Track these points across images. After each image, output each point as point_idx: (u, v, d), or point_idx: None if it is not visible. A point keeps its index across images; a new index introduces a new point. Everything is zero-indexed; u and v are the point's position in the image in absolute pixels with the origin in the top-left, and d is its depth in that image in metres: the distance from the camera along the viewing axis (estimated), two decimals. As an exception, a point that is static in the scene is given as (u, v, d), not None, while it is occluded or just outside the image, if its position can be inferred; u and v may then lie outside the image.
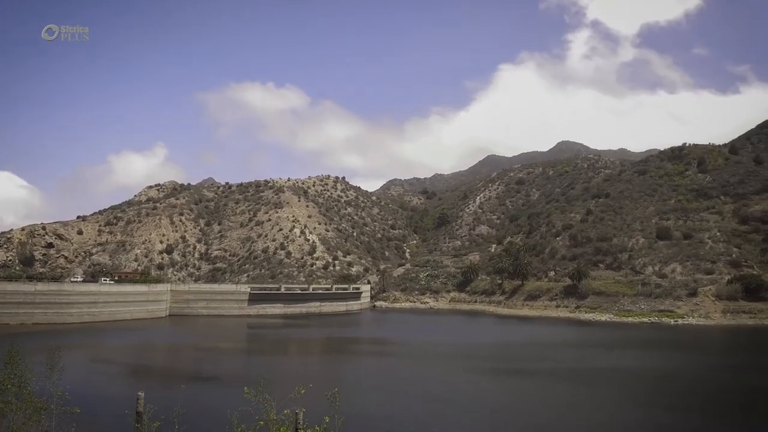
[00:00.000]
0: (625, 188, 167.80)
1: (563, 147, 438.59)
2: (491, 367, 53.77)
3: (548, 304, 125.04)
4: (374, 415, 33.48)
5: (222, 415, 17.32)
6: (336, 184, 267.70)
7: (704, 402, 38.77)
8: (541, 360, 59.18)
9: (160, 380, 46.17)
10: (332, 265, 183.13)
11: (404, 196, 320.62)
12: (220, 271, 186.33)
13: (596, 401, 39.37)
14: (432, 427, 30.32)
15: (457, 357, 62.77)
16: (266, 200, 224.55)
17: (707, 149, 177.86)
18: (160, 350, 68.04)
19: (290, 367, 56.07)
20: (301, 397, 15.05)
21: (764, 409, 36.81)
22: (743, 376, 49.77)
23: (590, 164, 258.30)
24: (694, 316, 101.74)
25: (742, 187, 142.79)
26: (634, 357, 62.34)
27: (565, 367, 53.93)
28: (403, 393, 41.13)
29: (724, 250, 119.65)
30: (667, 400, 39.92)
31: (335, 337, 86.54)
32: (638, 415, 35.60)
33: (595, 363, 57.21)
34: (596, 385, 44.94)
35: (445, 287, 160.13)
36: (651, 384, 46.13)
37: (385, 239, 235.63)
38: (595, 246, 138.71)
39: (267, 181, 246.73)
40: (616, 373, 50.85)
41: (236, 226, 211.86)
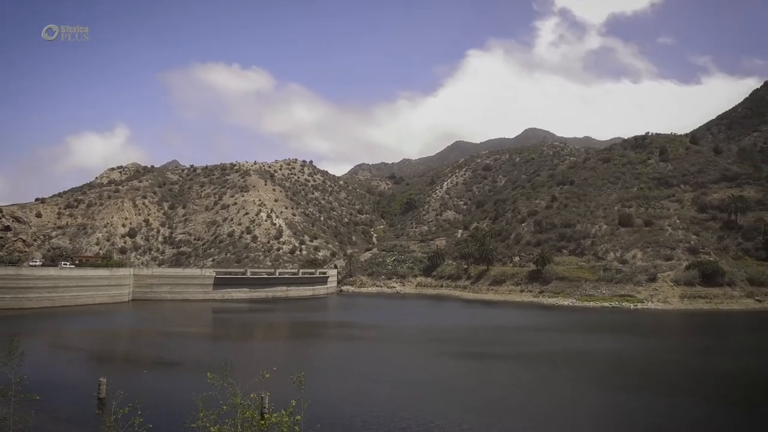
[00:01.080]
0: (590, 176, 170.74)
1: (530, 134, 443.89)
2: (458, 351, 54.37)
3: (513, 289, 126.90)
4: (341, 398, 33.60)
5: (186, 400, 17.15)
6: (303, 168, 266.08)
7: (661, 383, 39.92)
8: (506, 343, 60.14)
9: (123, 366, 45.47)
10: (299, 250, 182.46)
11: (372, 181, 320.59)
12: (185, 255, 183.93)
13: (559, 383, 40.24)
14: (399, 410, 30.57)
15: (423, 341, 63.35)
16: (232, 183, 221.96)
17: (669, 139, 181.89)
18: (123, 335, 66.92)
19: (256, 351, 55.81)
20: (266, 382, 14.99)
21: (718, 390, 38.07)
22: (698, 358, 51.44)
23: (556, 151, 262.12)
24: (653, 300, 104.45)
25: (702, 177, 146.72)
26: (595, 340, 63.82)
27: (530, 350, 54.89)
28: (369, 376, 41.35)
29: (682, 237, 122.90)
30: (626, 381, 41.01)
31: (301, 321, 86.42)
32: (599, 395, 36.53)
33: (558, 346, 58.35)
34: (559, 368, 45.91)
35: (411, 272, 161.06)
36: (611, 366, 47.32)
37: (353, 224, 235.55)
38: (559, 232, 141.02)
39: (233, 164, 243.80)
40: (579, 356, 51.99)
41: (201, 210, 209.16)
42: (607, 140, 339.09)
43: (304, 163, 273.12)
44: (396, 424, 27.99)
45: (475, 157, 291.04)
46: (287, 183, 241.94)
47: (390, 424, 28.04)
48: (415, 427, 27.29)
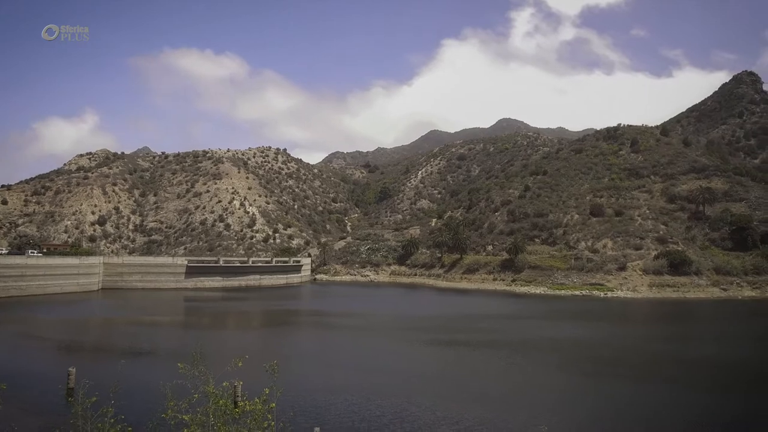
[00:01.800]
0: (562, 166, 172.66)
1: (504, 124, 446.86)
2: (431, 338, 54.73)
3: (486, 278, 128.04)
4: (315, 386, 33.60)
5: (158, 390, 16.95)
6: (277, 156, 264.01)
7: (630, 369, 40.76)
8: (480, 331, 60.71)
9: (93, 356, 44.81)
10: (272, 238, 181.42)
11: (346, 170, 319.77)
12: (156, 244, 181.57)
13: (532, 369, 40.84)
14: (373, 398, 30.71)
15: (397, 329, 63.61)
16: (204, 171, 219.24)
17: (640, 130, 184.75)
18: (93, 325, 65.87)
19: (229, 340, 55.49)
20: (239, 370, 14.89)
21: (684, 375, 38.99)
22: (666, 345, 52.59)
23: (530, 142, 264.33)
24: (623, 289, 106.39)
25: (671, 168, 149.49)
26: (566, 328, 64.76)
27: (503, 338, 55.53)
28: (343, 364, 41.44)
29: (652, 227, 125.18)
30: (597, 367, 41.78)
31: (275, 310, 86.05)
32: (570, 381, 37.12)
33: (530, 334, 59.16)
34: (532, 355, 46.54)
35: (385, 260, 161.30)
36: (582, 353, 48.13)
37: (327, 212, 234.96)
38: (532, 221, 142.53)
39: (205, 152, 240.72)
40: (551, 343, 52.79)
41: (173, 197, 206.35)
42: (580, 131, 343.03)
43: (278, 151, 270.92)
44: (371, 412, 28.11)
45: (449, 146, 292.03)
46: (261, 171, 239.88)
47: (365, 411, 28.16)
48: (390, 415, 27.45)
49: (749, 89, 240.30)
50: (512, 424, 26.33)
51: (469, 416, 27.44)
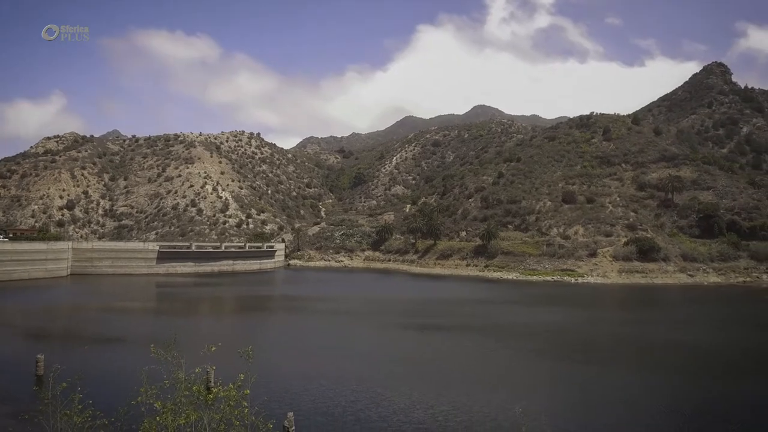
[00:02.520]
0: (536, 153, 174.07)
1: (479, 111, 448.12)
2: (406, 323, 54.96)
3: (459, 263, 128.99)
4: (290, 372, 33.55)
5: (129, 376, 16.75)
6: (250, 141, 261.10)
7: (601, 352, 41.52)
8: (453, 316, 61.15)
9: (62, 343, 43.99)
10: (246, 223, 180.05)
11: (320, 155, 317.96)
12: (127, 229, 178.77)
13: (505, 353, 41.32)
14: (348, 383, 30.77)
15: (371, 314, 63.76)
16: (176, 155, 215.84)
17: (612, 119, 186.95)
18: (62, 311, 64.61)
19: (202, 326, 55.02)
20: (213, 356, 14.76)
21: (652, 358, 39.86)
22: (634, 329, 53.58)
23: (504, 129, 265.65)
24: (593, 275, 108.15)
25: (642, 156, 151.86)
26: (538, 313, 65.62)
27: (476, 323, 56.05)
28: (318, 350, 41.40)
29: (622, 214, 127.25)
30: (568, 351, 42.45)
31: (248, 295, 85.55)
32: (542, 365, 37.66)
33: (503, 318, 59.82)
34: (505, 339, 47.04)
35: (359, 246, 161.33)
36: (554, 337, 48.83)
37: (301, 198, 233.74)
38: (505, 208, 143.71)
39: (177, 135, 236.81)
40: (523, 328, 53.44)
41: (144, 182, 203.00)
42: (553, 119, 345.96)
43: (252, 136, 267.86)
44: (346, 397, 28.16)
45: (424, 132, 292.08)
46: (234, 155, 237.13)
47: (339, 396, 28.20)
48: (365, 400, 27.54)
49: (719, 80, 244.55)
50: (487, 407, 26.62)
51: (443, 400, 27.69)
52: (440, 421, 24.40)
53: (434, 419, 24.70)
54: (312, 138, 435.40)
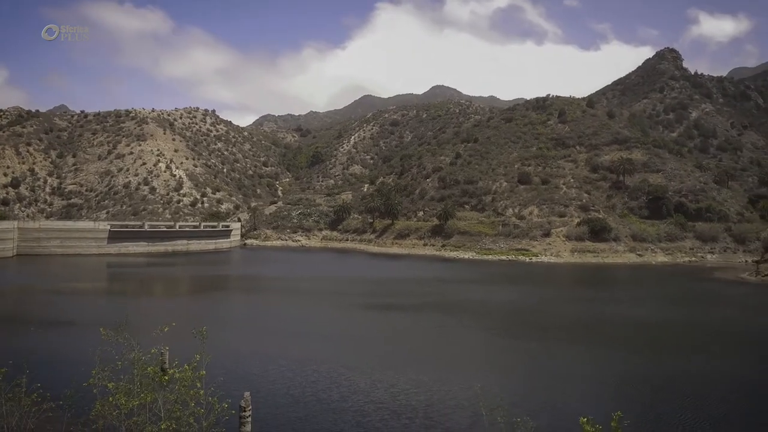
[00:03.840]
0: (493, 134, 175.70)
1: (437, 91, 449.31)
2: (364, 303, 54.93)
3: (416, 243, 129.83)
4: (247, 352, 33.10)
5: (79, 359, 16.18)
6: (205, 118, 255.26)
7: (556, 330, 42.38)
8: (412, 295, 61.45)
9: (7, 326, 42.19)
10: (200, 202, 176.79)
11: (277, 133, 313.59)
12: (76, 207, 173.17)
13: (463, 331, 41.74)
14: (308, 363, 30.56)
15: (330, 293, 63.54)
16: (128, 131, 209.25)
17: (568, 102, 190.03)
18: (6, 294, 61.81)
19: (156, 307, 53.73)
20: (167, 337, 14.35)
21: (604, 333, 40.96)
22: (587, 306, 54.95)
23: (462, 110, 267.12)
24: (547, 254, 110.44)
25: (595, 139, 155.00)
26: (494, 291, 66.58)
27: (435, 301, 56.50)
28: (276, 330, 41.03)
29: (575, 196, 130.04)
30: (524, 328, 43.21)
31: (204, 275, 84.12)
32: (500, 342, 38.22)
33: (461, 297, 60.51)
34: (463, 317, 47.54)
35: (317, 225, 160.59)
36: (510, 315, 49.67)
37: (257, 176, 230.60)
38: (462, 188, 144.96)
39: (128, 111, 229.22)
40: (480, 306, 54.19)
41: (94, 159, 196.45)
42: (510, 100, 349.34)
43: (207, 112, 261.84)
44: (306, 377, 27.94)
45: (383, 111, 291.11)
46: (188, 133, 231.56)
47: (299, 377, 27.97)
48: (326, 380, 27.38)
49: (670, 65, 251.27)
50: (447, 385, 26.85)
51: (404, 379, 27.79)
52: (401, 400, 24.50)
53: (395, 398, 24.78)
54: (269, 116, 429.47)
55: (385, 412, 22.98)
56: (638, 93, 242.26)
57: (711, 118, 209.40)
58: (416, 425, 21.59)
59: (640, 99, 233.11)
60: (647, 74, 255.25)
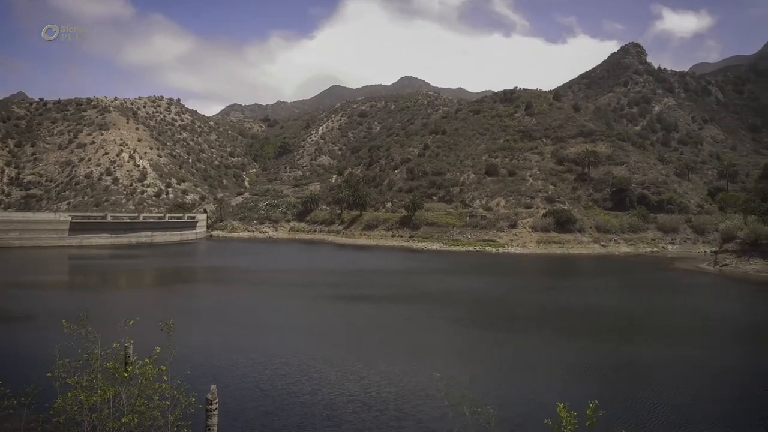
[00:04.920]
0: (461, 126, 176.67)
1: (406, 82, 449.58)
2: (334, 294, 54.69)
3: (384, 234, 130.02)
4: (214, 345, 32.59)
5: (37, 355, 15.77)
6: (170, 107, 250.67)
7: (524, 320, 42.89)
8: (381, 286, 61.38)
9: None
10: (165, 193, 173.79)
11: (244, 123, 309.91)
12: (35, 198, 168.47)
13: (432, 323, 41.87)
14: (278, 356, 30.28)
15: (298, 285, 63.09)
16: (89, 120, 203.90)
17: (535, 94, 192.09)
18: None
19: (120, 300, 52.69)
20: (131, 330, 14.03)
21: (570, 322, 41.60)
22: (551, 296, 55.72)
23: (430, 101, 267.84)
24: (513, 245, 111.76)
25: (561, 131, 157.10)
26: (463, 281, 66.90)
27: (404, 292, 56.52)
28: (245, 323, 40.53)
29: (541, 187, 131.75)
30: (492, 319, 43.60)
31: (169, 267, 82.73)
32: (468, 333, 38.43)
33: (430, 287, 60.65)
34: (432, 308, 47.68)
35: (284, 217, 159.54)
36: (478, 305, 50.00)
37: (223, 167, 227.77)
38: (430, 180, 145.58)
39: (90, 100, 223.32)
40: (449, 297, 54.41)
41: (54, 149, 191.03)
42: (478, 92, 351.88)
43: (171, 101, 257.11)
44: (275, 370, 27.67)
45: (351, 102, 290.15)
46: (152, 122, 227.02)
47: (268, 370, 27.67)
48: (296, 373, 27.15)
49: (634, 60, 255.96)
50: (418, 377, 26.88)
51: (375, 371, 27.73)
52: (372, 392, 24.42)
53: (366, 390, 24.70)
54: (235, 105, 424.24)
55: (356, 404, 22.89)
56: (603, 87, 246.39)
57: (673, 112, 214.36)
58: (387, 417, 21.56)
59: (605, 93, 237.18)
60: (612, 68, 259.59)
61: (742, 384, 27.76)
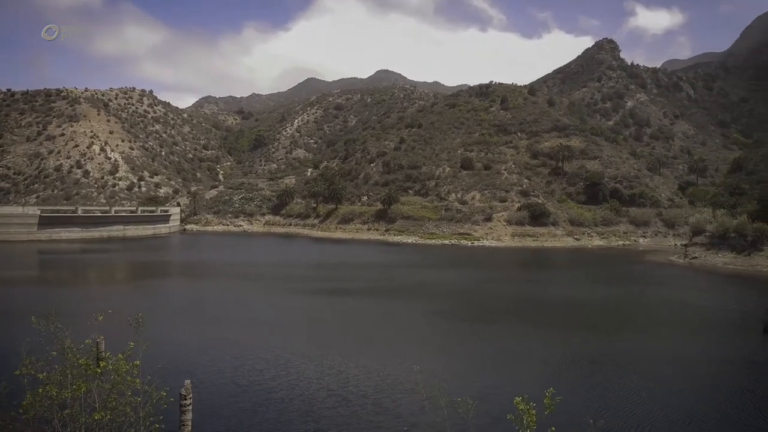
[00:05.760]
0: (436, 120, 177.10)
1: (382, 75, 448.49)
2: (310, 288, 54.41)
3: (360, 228, 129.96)
4: (188, 340, 32.17)
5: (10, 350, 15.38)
6: (142, 99, 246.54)
7: (501, 313, 43.18)
8: (358, 280, 61.20)
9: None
10: (138, 186, 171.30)
11: (218, 115, 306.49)
12: (3, 192, 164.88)
13: (409, 316, 41.87)
14: (254, 351, 30.00)
15: (274, 278, 62.59)
16: (59, 112, 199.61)
17: (510, 89, 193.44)
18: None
19: (91, 295, 51.68)
20: (102, 326, 13.75)
21: (546, 314, 42.01)
22: (528, 287, 56.24)
23: (406, 94, 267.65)
24: (488, 238, 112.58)
25: (536, 126, 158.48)
26: (439, 275, 67.08)
27: (381, 286, 56.45)
28: (221, 318, 40.04)
29: (516, 181, 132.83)
30: (469, 311, 43.77)
31: (142, 261, 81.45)
32: (445, 326, 38.53)
33: (407, 281, 60.72)
34: (408, 302, 47.71)
35: (259, 210, 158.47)
36: (455, 298, 50.19)
37: (197, 160, 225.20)
38: (406, 173, 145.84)
39: (59, 91, 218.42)
40: (426, 290, 54.52)
41: (22, 141, 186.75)
42: (454, 86, 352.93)
43: (144, 93, 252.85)
44: (252, 365, 27.35)
45: (327, 95, 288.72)
46: (124, 114, 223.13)
47: (246, 365, 27.31)
48: (274, 368, 26.88)
49: (608, 56, 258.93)
50: (397, 370, 26.79)
51: (354, 365, 27.59)
52: (351, 387, 24.31)
53: (346, 384, 24.57)
54: (210, 98, 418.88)
55: (335, 399, 22.73)
56: (577, 82, 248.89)
57: (645, 107, 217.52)
58: (366, 412, 21.47)
59: (579, 88, 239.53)
60: (586, 63, 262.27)
61: (710, 373, 28.35)
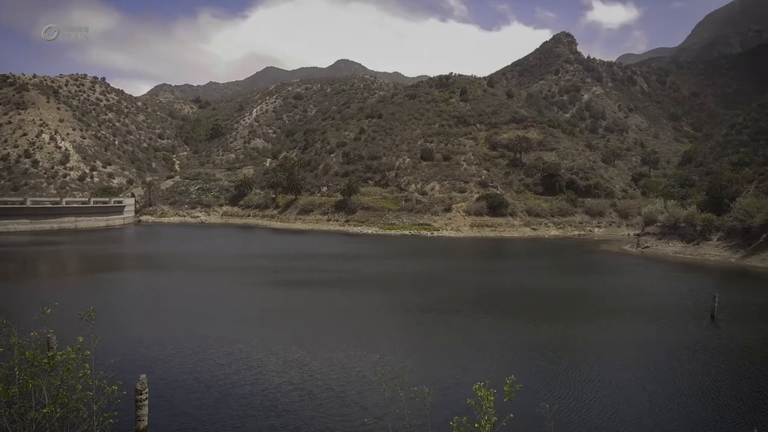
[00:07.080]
0: (397, 110, 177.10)
1: (342, 65, 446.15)
2: (270, 280, 53.80)
3: (320, 218, 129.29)
4: (144, 335, 31.32)
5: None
6: (94, 86, 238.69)
7: (455, 300, 43.54)
8: (319, 271, 60.87)
9: None
10: (90, 177, 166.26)
11: (174, 104, 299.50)
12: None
13: (369, 307, 41.88)
14: (215, 345, 29.46)
15: (233, 271, 61.70)
16: (5, 99, 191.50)
17: (470, 80, 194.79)
18: None
19: (40, 289, 49.90)
20: (52, 320, 13.29)
21: (505, 302, 42.62)
22: (488, 277, 56.92)
23: (366, 85, 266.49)
24: (448, 229, 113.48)
25: (495, 117, 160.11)
26: (400, 265, 67.16)
27: (342, 277, 56.28)
28: (178, 311, 39.22)
29: (475, 172, 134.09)
30: (429, 300, 43.98)
31: (95, 254, 79.01)
32: (406, 316, 38.60)
33: (366, 271, 60.75)
34: (368, 293, 47.73)
35: (217, 201, 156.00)
36: (416, 288, 50.39)
37: (152, 149, 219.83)
38: (366, 164, 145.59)
39: (6, 77, 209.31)
40: (388, 280, 54.60)
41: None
42: (414, 77, 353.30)
43: (96, 80, 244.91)
44: (214, 359, 26.84)
45: (286, 84, 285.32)
46: (75, 101, 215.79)
47: (207, 360, 26.75)
48: (237, 362, 26.40)
49: (566, 49, 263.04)
50: (360, 362, 26.77)
51: (318, 357, 27.42)
52: (316, 379, 24.12)
53: (311, 377, 24.34)
54: (165, 86, 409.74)
55: (300, 392, 22.52)
56: (535, 74, 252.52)
57: (601, 100, 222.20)
58: (331, 404, 21.37)
59: (537, 80, 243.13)
60: (544, 56, 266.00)
61: (663, 356, 29.26)
